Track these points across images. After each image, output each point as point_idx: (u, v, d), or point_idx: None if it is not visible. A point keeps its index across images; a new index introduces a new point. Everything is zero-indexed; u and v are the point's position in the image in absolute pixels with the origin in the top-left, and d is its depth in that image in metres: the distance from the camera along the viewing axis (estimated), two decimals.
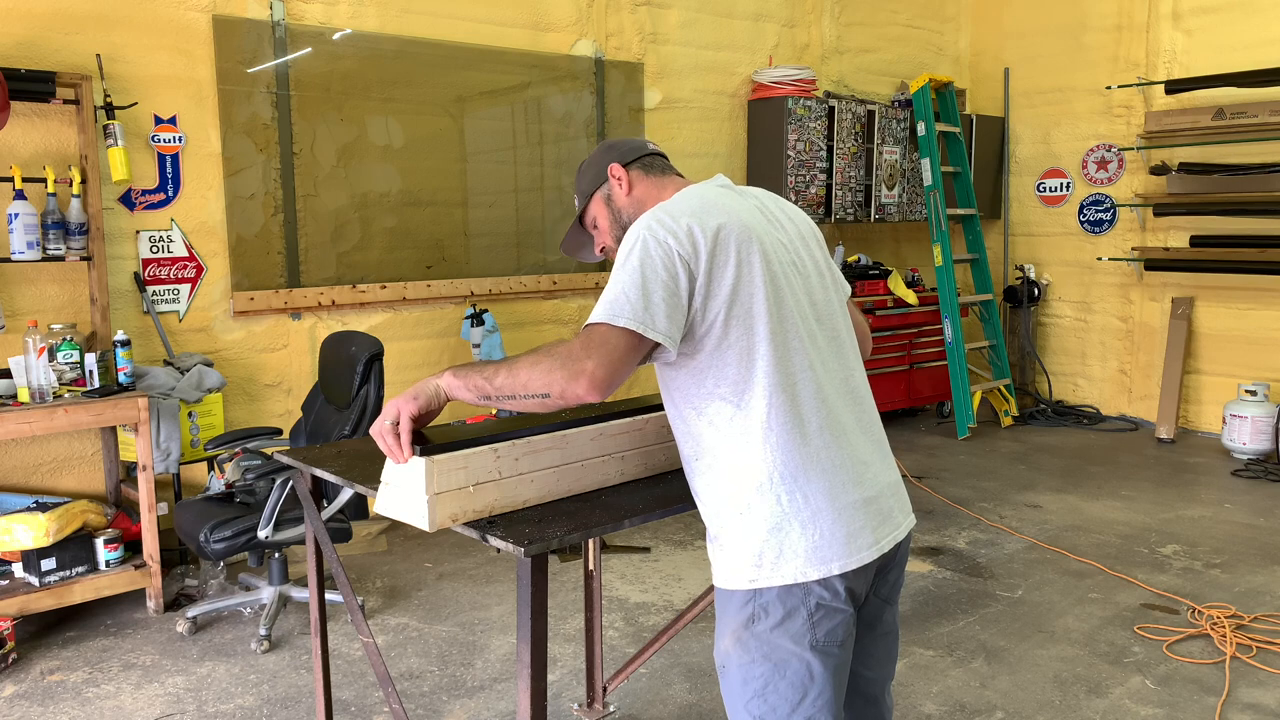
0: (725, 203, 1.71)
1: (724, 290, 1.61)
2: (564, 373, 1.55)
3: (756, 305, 1.63)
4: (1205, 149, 6.31)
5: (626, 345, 1.55)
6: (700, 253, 1.60)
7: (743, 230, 1.66)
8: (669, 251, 1.59)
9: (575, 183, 2.03)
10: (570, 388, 1.55)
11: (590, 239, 2.04)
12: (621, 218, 1.90)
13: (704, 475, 1.69)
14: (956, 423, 6.49)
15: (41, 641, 3.52)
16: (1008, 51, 7.38)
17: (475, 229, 5.22)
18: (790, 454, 1.61)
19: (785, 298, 1.66)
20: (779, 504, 1.61)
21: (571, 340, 1.60)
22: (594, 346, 1.55)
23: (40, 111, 3.88)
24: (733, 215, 1.67)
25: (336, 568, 2.41)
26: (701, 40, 6.02)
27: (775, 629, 1.62)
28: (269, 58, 4.45)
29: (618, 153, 1.95)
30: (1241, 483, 5.46)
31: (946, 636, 3.52)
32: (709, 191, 1.77)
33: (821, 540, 1.61)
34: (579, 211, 2.01)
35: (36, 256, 3.72)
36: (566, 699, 3.09)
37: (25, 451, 3.96)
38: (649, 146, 1.98)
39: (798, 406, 1.63)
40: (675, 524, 4.71)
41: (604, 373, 1.54)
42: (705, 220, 1.63)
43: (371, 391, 3.50)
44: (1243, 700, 3.06)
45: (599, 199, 1.94)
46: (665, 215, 1.65)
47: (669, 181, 1.91)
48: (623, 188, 1.90)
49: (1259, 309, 6.24)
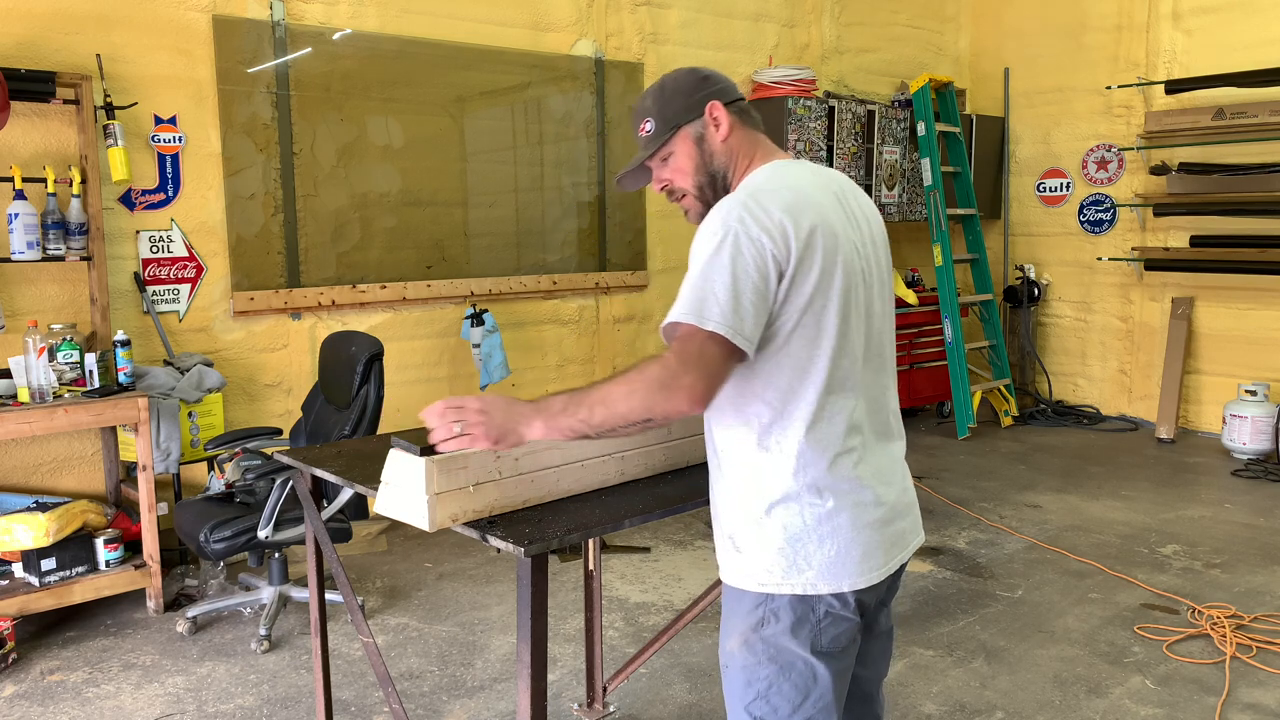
0: (816, 197, 1.61)
1: (801, 300, 1.55)
2: (662, 393, 1.50)
3: (826, 321, 1.57)
4: (1205, 149, 6.31)
5: (720, 354, 1.49)
6: (791, 255, 1.53)
7: (830, 236, 1.57)
8: (762, 251, 1.51)
9: (649, 105, 1.75)
10: (671, 406, 1.50)
11: (648, 171, 1.81)
12: (710, 164, 1.72)
13: (730, 473, 1.67)
14: (956, 423, 6.49)
15: (41, 641, 3.52)
16: (1008, 51, 7.38)
17: (475, 229, 5.22)
18: (821, 470, 1.59)
19: (851, 314, 1.61)
20: (801, 516, 1.60)
21: (663, 356, 1.52)
22: (689, 361, 1.49)
23: (40, 111, 3.88)
24: (823, 215, 1.59)
25: (336, 568, 2.41)
26: (701, 40, 6.01)
27: (784, 633, 1.62)
28: (269, 58, 4.45)
29: (716, 86, 1.74)
30: (1241, 483, 5.46)
31: (946, 636, 3.52)
32: (800, 177, 1.66)
33: (837, 557, 1.60)
34: (657, 141, 1.74)
35: (36, 256, 3.72)
36: (566, 699, 3.08)
37: (25, 451, 3.96)
38: (739, 91, 1.79)
39: (836, 425, 1.60)
40: (675, 524, 4.70)
41: (703, 386, 1.48)
42: (799, 218, 1.54)
43: (371, 391, 3.50)
44: (1243, 700, 3.06)
45: (687, 135, 1.72)
46: (758, 206, 1.54)
47: (759, 140, 1.75)
48: (720, 130, 1.71)
49: (1259, 309, 6.24)
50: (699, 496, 2.01)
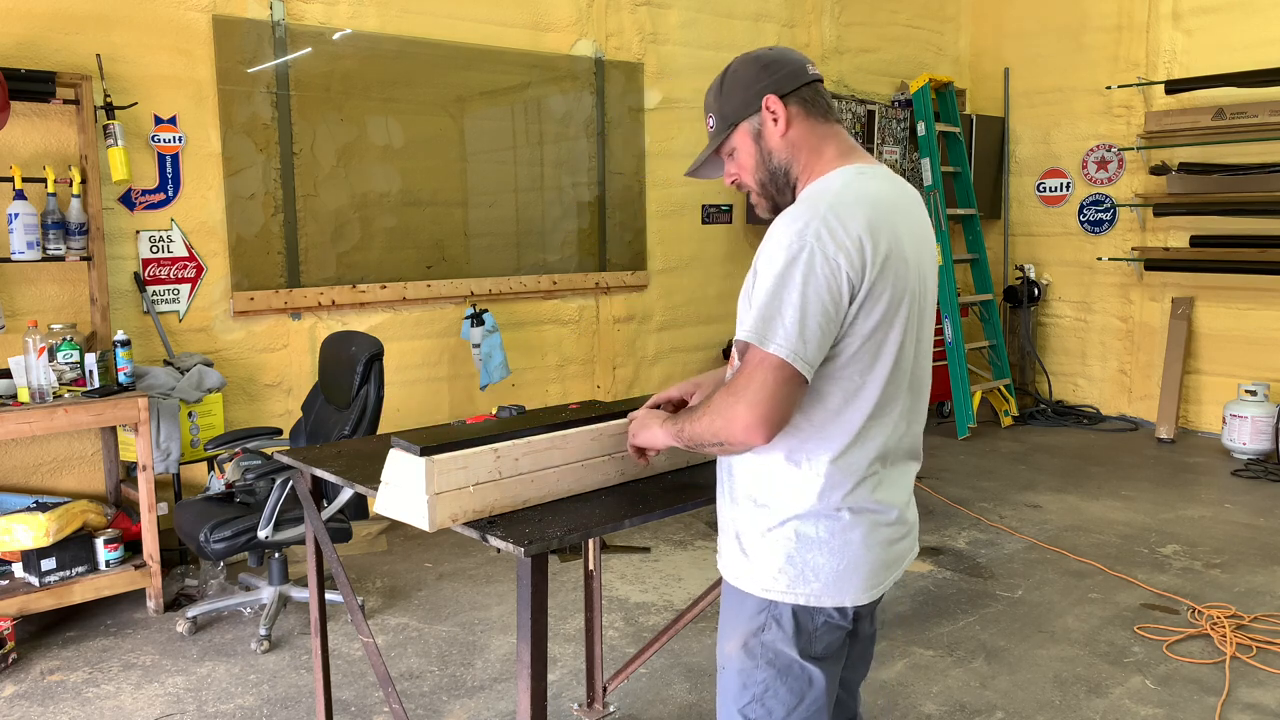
0: (892, 216, 1.53)
1: (866, 327, 1.50)
2: (722, 419, 1.48)
3: (886, 349, 1.53)
4: (1205, 149, 6.31)
5: (777, 379, 1.43)
6: (865, 278, 1.46)
7: (901, 260, 1.52)
8: (836, 271, 1.44)
9: (710, 100, 1.70)
10: (730, 433, 1.48)
11: (721, 162, 1.75)
12: (769, 160, 1.64)
13: (747, 477, 1.65)
14: (956, 423, 6.49)
15: (41, 641, 3.52)
16: (1008, 51, 7.38)
17: (475, 229, 5.22)
18: (844, 492, 1.58)
19: (907, 343, 1.56)
20: (815, 531, 1.59)
21: (733, 378, 1.48)
22: (738, 386, 1.45)
23: (40, 111, 3.88)
24: (897, 237, 1.52)
25: (336, 568, 2.41)
26: (701, 40, 6.01)
27: (783, 640, 1.63)
28: (269, 58, 4.45)
29: (774, 77, 1.62)
30: (1241, 483, 5.46)
31: (946, 636, 3.52)
32: (880, 190, 1.57)
33: (845, 573, 1.61)
34: (718, 139, 1.69)
35: (36, 256, 3.72)
36: (566, 699, 3.08)
37: (25, 451, 3.96)
38: (809, 70, 1.65)
39: (868, 452, 1.58)
40: (675, 524, 4.70)
41: (756, 413, 1.43)
42: (878, 240, 1.47)
43: (371, 391, 3.49)
44: (1243, 700, 3.06)
45: (745, 131, 1.65)
46: (836, 221, 1.46)
47: (830, 132, 1.63)
48: (778, 126, 1.62)
49: (1259, 309, 6.24)
50: (699, 496, 2.00)
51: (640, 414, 1.89)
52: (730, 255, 6.31)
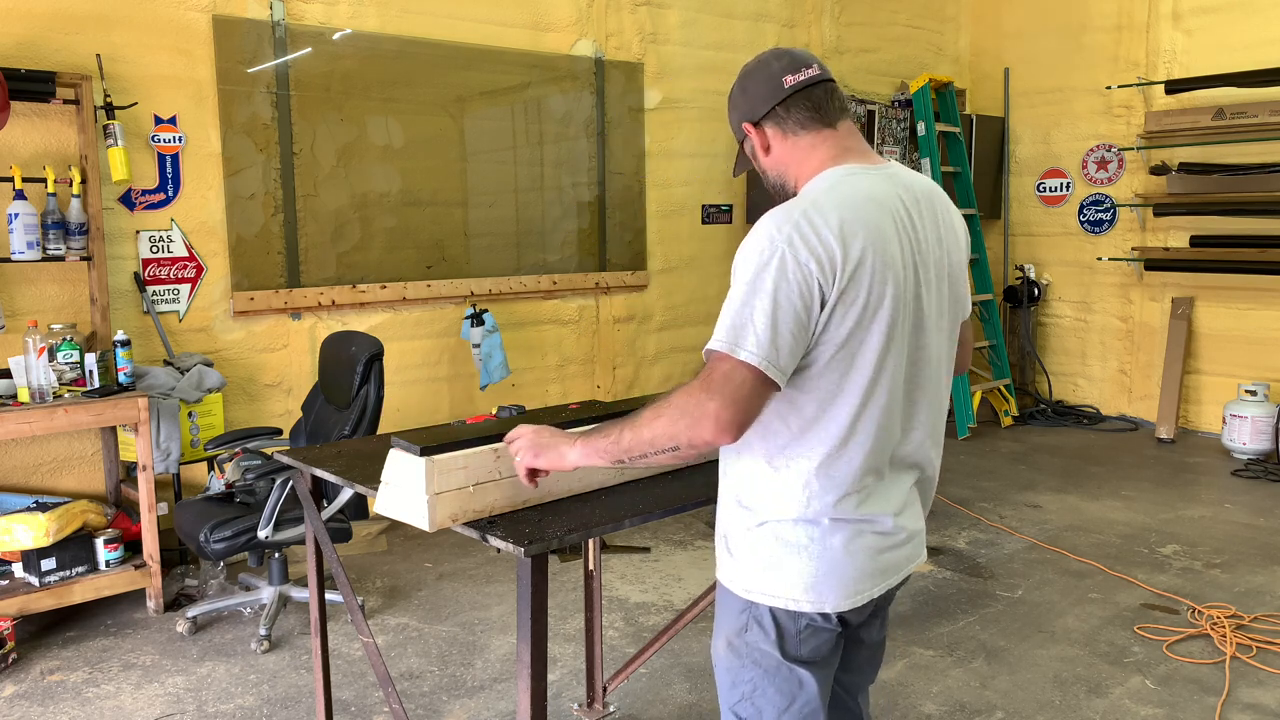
0: (875, 217, 1.50)
1: (840, 333, 1.47)
2: (687, 420, 1.45)
3: (862, 358, 1.50)
4: (1205, 149, 6.31)
5: (751, 383, 1.42)
6: (836, 281, 1.44)
7: (882, 264, 1.48)
8: (808, 277, 1.43)
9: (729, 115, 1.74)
10: (696, 434, 1.44)
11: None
12: (767, 177, 1.69)
13: (734, 478, 1.64)
14: (956, 423, 6.48)
15: (41, 641, 3.52)
16: (1007, 51, 7.38)
17: (475, 229, 5.22)
18: (825, 504, 1.55)
19: (894, 352, 1.53)
20: (794, 536, 1.57)
21: (691, 382, 1.48)
22: (715, 386, 1.43)
23: (40, 111, 3.88)
24: (879, 239, 1.49)
25: (336, 568, 2.41)
26: (701, 40, 6.01)
27: (765, 641, 1.62)
28: (269, 58, 4.45)
29: (750, 101, 1.64)
30: (1241, 483, 5.46)
31: (946, 636, 3.52)
32: (862, 191, 1.54)
33: (820, 580, 1.57)
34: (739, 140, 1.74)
35: (36, 256, 3.72)
36: (566, 699, 3.08)
37: (25, 451, 3.96)
38: (786, 84, 1.61)
39: (851, 464, 1.54)
40: (675, 524, 4.70)
41: (729, 414, 1.42)
42: (850, 244, 1.45)
43: (371, 391, 3.49)
44: (1243, 700, 3.06)
45: (746, 148, 1.71)
46: (809, 226, 1.45)
47: (820, 139, 1.61)
48: (760, 149, 1.66)
49: (1259, 309, 6.24)
50: (699, 496, 2.01)
51: (527, 432, 1.76)
52: (730, 255, 6.24)
